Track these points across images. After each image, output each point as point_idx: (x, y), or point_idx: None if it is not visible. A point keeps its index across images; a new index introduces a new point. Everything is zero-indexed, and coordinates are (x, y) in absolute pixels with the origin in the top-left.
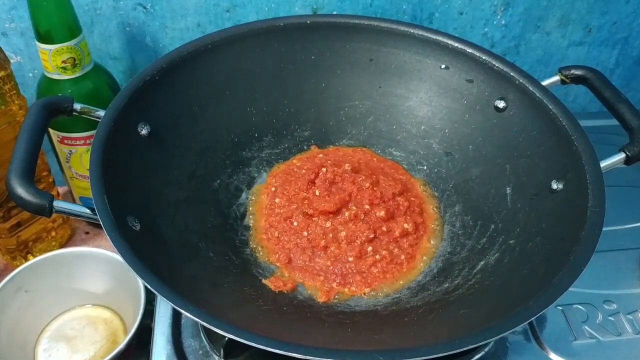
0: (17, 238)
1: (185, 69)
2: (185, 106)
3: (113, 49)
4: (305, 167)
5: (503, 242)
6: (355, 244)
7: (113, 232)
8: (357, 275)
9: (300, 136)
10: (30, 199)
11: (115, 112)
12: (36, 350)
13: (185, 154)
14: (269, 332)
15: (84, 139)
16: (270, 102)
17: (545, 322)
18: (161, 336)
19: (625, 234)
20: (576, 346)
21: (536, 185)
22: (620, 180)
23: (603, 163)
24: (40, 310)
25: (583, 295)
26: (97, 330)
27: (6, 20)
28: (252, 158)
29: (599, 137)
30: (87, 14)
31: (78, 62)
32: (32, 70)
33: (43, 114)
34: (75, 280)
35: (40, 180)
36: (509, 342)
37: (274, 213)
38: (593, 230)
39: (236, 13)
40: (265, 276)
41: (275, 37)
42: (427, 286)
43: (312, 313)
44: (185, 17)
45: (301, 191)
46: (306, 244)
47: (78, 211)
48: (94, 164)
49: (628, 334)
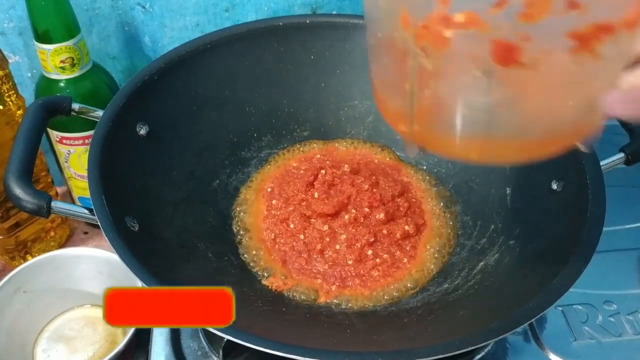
0: (16, 238)
1: (184, 68)
2: (184, 106)
3: (112, 48)
4: (303, 168)
5: (503, 242)
6: (355, 247)
7: (111, 232)
8: (356, 278)
9: (300, 136)
10: (28, 199)
11: (113, 112)
12: (35, 350)
13: (184, 154)
14: (268, 333)
15: (83, 139)
16: (269, 102)
17: (545, 323)
18: (160, 337)
19: (625, 234)
20: (576, 347)
21: (536, 185)
22: (620, 180)
23: (603, 163)
24: (39, 311)
25: (583, 296)
26: (96, 331)
27: (4, 20)
28: (251, 158)
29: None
30: (86, 14)
31: (77, 62)
32: (30, 70)
33: (41, 113)
34: (74, 280)
35: (38, 181)
36: (508, 343)
37: (270, 215)
38: (593, 230)
39: (235, 13)
40: (264, 277)
41: (275, 36)
42: (427, 287)
43: (311, 314)
44: (184, 16)
45: (300, 193)
46: (302, 247)
47: (76, 212)
48: (92, 164)
49: (628, 335)
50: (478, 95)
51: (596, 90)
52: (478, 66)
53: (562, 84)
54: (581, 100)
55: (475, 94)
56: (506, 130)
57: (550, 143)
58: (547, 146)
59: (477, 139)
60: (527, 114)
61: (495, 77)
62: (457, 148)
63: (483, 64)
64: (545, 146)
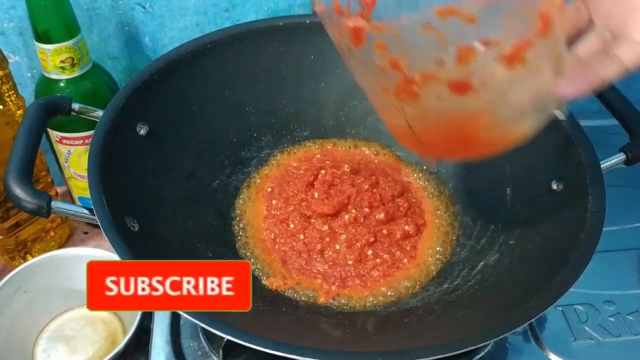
0: (16, 238)
1: (184, 68)
2: (184, 106)
3: (112, 48)
4: (303, 168)
5: (503, 242)
6: (355, 248)
7: (111, 232)
8: (356, 278)
9: (300, 136)
10: (28, 199)
11: (113, 112)
12: (35, 350)
13: (184, 154)
14: (268, 333)
15: (83, 139)
16: (269, 102)
17: (545, 323)
18: (160, 337)
19: (625, 234)
20: (576, 347)
21: (536, 185)
22: (620, 180)
23: (603, 163)
24: (39, 311)
25: (583, 296)
26: (96, 331)
27: (4, 20)
28: (251, 158)
29: (599, 137)
30: (86, 14)
31: (77, 62)
32: (30, 70)
33: (41, 113)
34: (74, 280)
35: (39, 180)
36: (508, 343)
37: (270, 215)
38: (593, 230)
39: (235, 13)
40: (264, 277)
41: (275, 36)
42: (427, 287)
43: (311, 314)
44: (184, 16)
45: (300, 193)
46: (302, 248)
47: (76, 212)
48: (92, 164)
49: (628, 335)
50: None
51: (541, 83)
52: (444, 99)
53: (510, 87)
54: (532, 92)
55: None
56: (483, 130)
57: (517, 131)
58: (516, 134)
59: (452, 139)
60: (495, 113)
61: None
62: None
63: (449, 97)
64: (514, 134)
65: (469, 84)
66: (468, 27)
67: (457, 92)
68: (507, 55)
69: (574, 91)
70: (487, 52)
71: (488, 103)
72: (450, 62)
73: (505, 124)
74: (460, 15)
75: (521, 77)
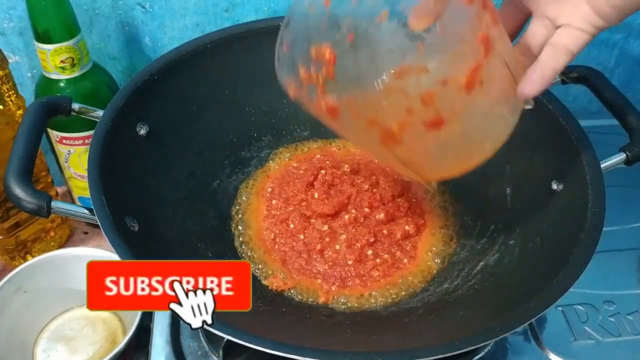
0: (16, 238)
1: (184, 68)
2: (184, 106)
3: (112, 48)
4: (303, 168)
5: (503, 242)
6: (355, 248)
7: (111, 232)
8: (356, 278)
9: (300, 136)
10: (28, 199)
11: (113, 112)
12: (35, 350)
13: (184, 154)
14: (268, 333)
15: (83, 139)
16: (269, 102)
17: (545, 323)
18: (160, 337)
19: (625, 234)
20: (576, 347)
21: (536, 185)
22: (620, 180)
23: (603, 163)
24: (39, 311)
25: (583, 296)
26: (96, 331)
27: (4, 20)
28: (251, 158)
29: (599, 137)
30: (86, 14)
31: (77, 62)
32: (30, 70)
33: (41, 113)
34: (74, 280)
35: (39, 180)
36: (508, 343)
37: (270, 215)
38: (593, 230)
39: (235, 13)
40: (264, 277)
41: (275, 36)
42: (427, 287)
43: (311, 314)
44: (184, 16)
45: (300, 193)
46: (302, 248)
47: (76, 212)
48: (92, 164)
49: (628, 335)
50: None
51: (503, 90)
52: (425, 137)
53: (477, 106)
54: (499, 100)
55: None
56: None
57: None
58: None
59: (446, 161)
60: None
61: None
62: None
63: (428, 134)
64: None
65: (441, 118)
66: (424, 75)
67: (434, 128)
68: (464, 84)
69: (533, 89)
70: (446, 89)
71: (465, 125)
72: (418, 107)
73: (487, 133)
74: (415, 70)
75: (484, 93)
